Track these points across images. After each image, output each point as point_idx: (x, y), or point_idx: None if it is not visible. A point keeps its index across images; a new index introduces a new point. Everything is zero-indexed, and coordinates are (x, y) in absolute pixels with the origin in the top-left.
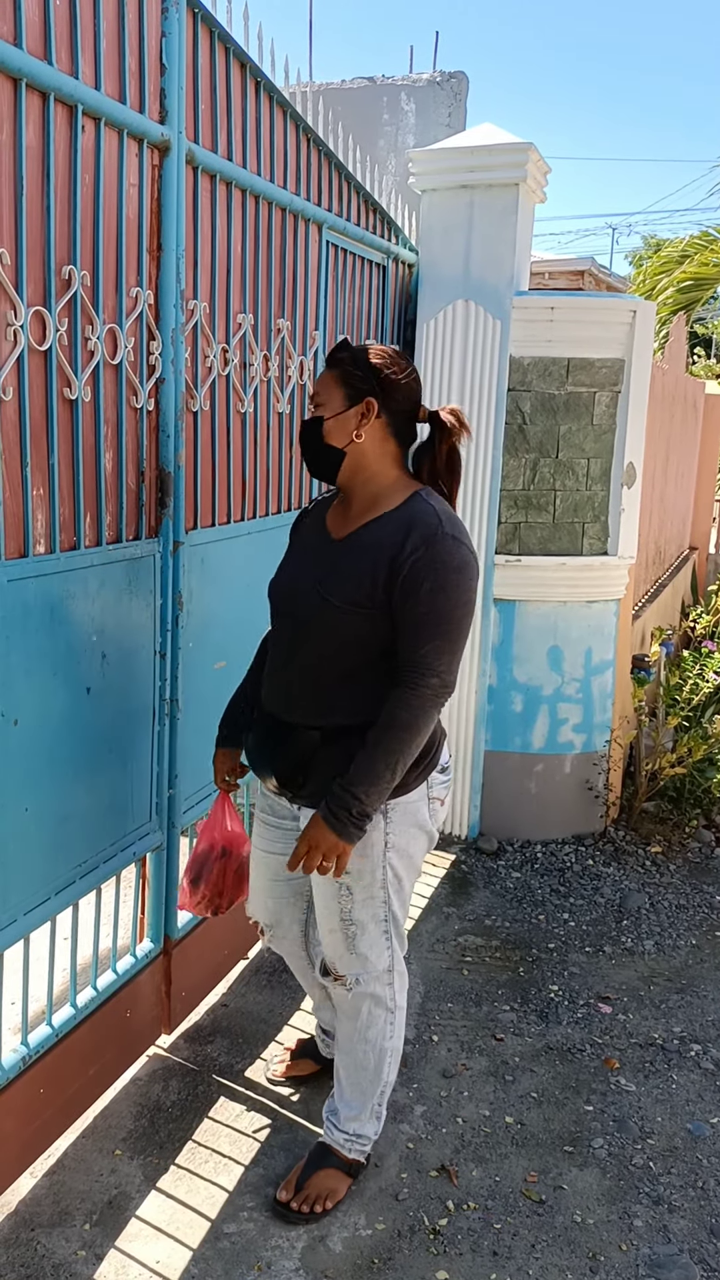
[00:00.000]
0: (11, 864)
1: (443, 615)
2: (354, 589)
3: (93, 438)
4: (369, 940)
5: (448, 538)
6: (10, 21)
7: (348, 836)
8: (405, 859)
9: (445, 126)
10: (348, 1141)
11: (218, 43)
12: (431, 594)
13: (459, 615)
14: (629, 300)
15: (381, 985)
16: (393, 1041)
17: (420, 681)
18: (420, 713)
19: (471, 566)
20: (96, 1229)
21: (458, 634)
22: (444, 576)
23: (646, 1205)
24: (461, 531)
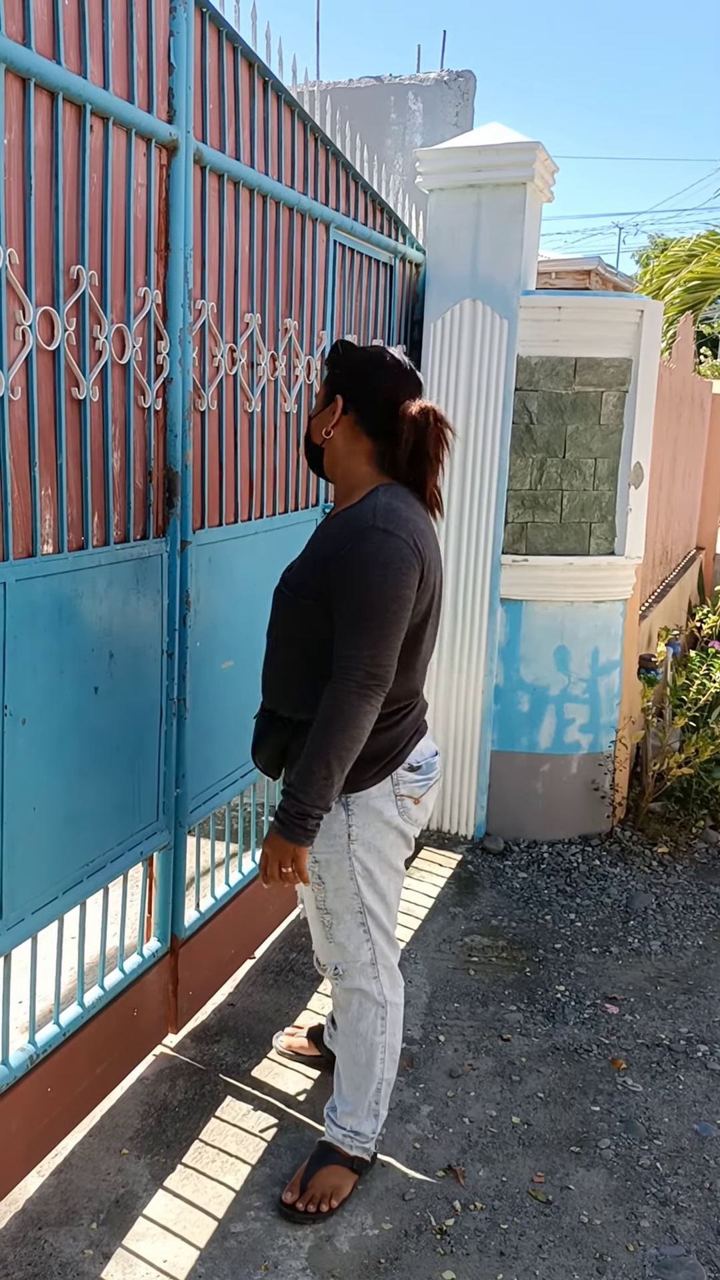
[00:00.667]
0: (19, 863)
1: (367, 608)
2: (301, 577)
3: (100, 437)
4: (345, 931)
5: (377, 531)
6: (19, 21)
7: (295, 839)
8: (373, 853)
9: (453, 126)
10: (346, 1138)
11: (225, 42)
12: (357, 587)
13: (384, 607)
14: (636, 300)
15: (366, 979)
16: (385, 1038)
17: (347, 675)
18: (349, 707)
19: (400, 559)
20: (103, 1228)
21: (384, 626)
22: (368, 570)
23: (653, 1206)
24: (398, 524)
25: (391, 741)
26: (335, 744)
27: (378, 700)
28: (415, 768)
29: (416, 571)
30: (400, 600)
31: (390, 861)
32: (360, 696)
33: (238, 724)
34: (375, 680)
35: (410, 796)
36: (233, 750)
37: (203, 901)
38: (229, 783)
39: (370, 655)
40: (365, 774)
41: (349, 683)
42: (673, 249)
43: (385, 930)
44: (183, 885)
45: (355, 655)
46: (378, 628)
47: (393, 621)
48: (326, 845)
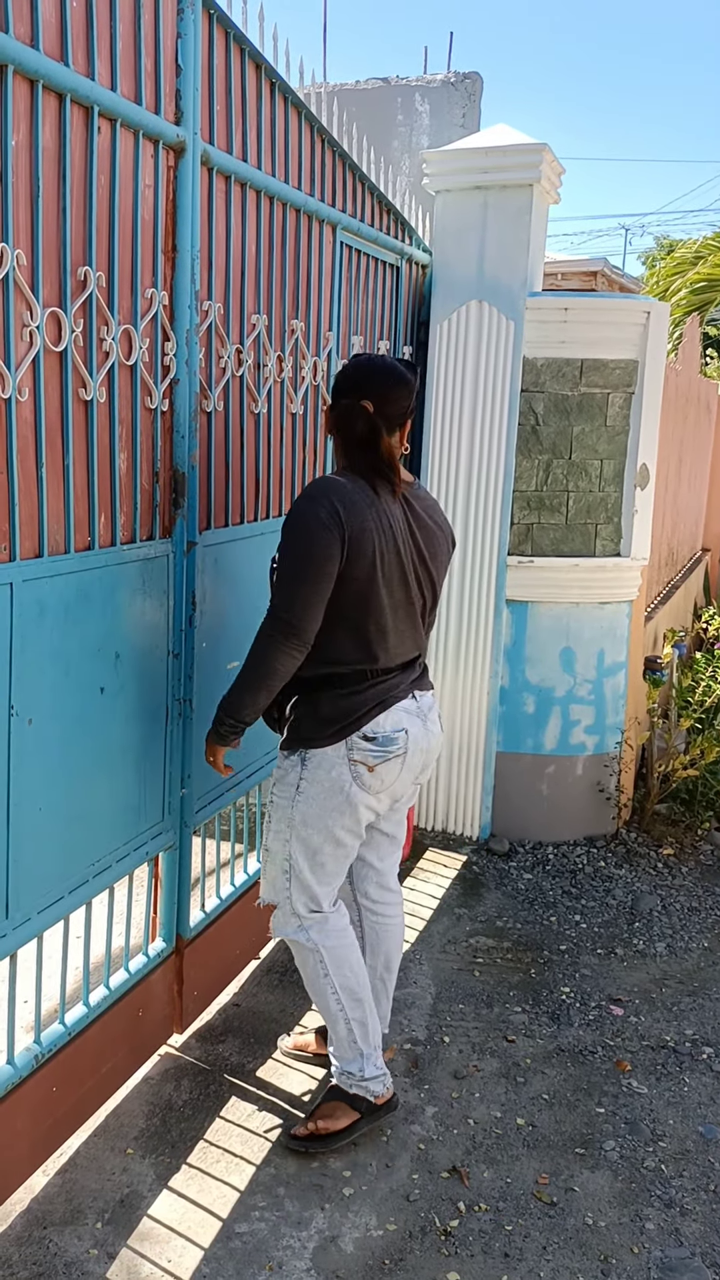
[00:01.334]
0: (25, 863)
1: (283, 563)
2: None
3: (107, 438)
4: (273, 870)
5: (303, 499)
6: (27, 23)
7: (213, 737)
8: (314, 808)
9: (459, 127)
10: (341, 1076)
11: (233, 44)
12: (283, 544)
13: (294, 563)
14: (643, 301)
15: (291, 929)
16: (330, 979)
17: (268, 620)
18: (260, 646)
19: (314, 521)
20: (108, 1228)
21: (292, 574)
22: (292, 529)
23: (658, 1208)
24: (321, 492)
25: (349, 708)
26: (249, 672)
27: (290, 646)
28: (371, 738)
29: (334, 534)
30: (309, 559)
31: (329, 826)
32: (270, 640)
33: None
34: (288, 628)
35: (363, 763)
36: (238, 751)
37: (208, 902)
38: (234, 783)
39: (284, 604)
40: (321, 733)
41: (265, 625)
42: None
43: (307, 888)
44: (188, 885)
45: (273, 603)
46: (289, 581)
47: (302, 578)
48: (280, 790)
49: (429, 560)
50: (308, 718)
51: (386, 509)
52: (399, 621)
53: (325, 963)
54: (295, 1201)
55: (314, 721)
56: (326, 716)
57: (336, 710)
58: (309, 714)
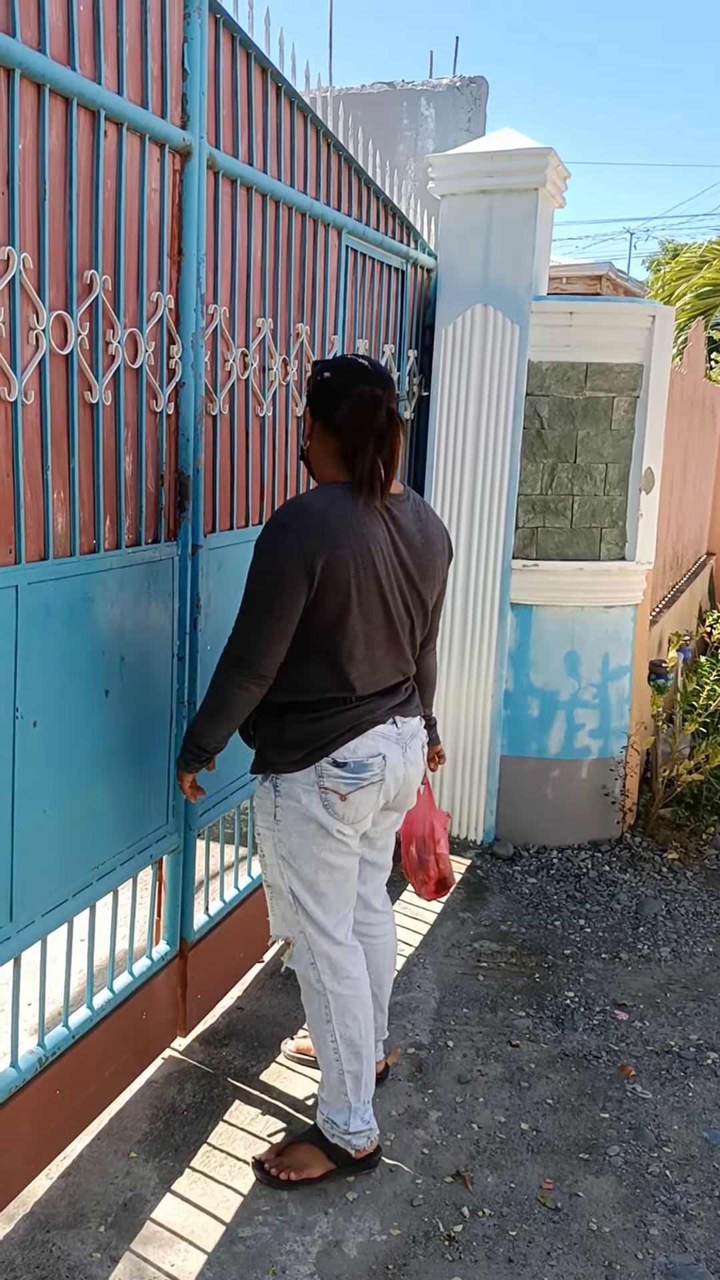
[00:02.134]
0: (30, 865)
1: (246, 593)
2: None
3: (113, 441)
4: (280, 907)
5: (274, 524)
6: (34, 27)
7: (180, 764)
8: (295, 839)
9: (465, 131)
10: (325, 1124)
11: (239, 48)
12: (250, 568)
13: (257, 596)
14: (648, 305)
15: (304, 965)
16: (331, 1026)
17: (224, 651)
18: (217, 678)
19: (280, 552)
20: (111, 1231)
21: (253, 613)
22: (259, 554)
23: (663, 1214)
24: (294, 519)
25: (317, 733)
26: (209, 702)
27: (249, 682)
28: (342, 764)
29: (300, 567)
30: (272, 591)
31: (314, 853)
32: (228, 675)
33: None
34: (243, 662)
35: (335, 791)
36: (242, 754)
37: (212, 905)
38: (238, 786)
39: (241, 637)
40: (287, 759)
41: (224, 658)
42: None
43: (316, 922)
44: (192, 889)
45: (233, 635)
46: (249, 613)
47: (263, 611)
48: (261, 820)
49: (417, 580)
50: (272, 742)
51: (366, 530)
52: (377, 648)
53: (330, 1008)
54: (299, 1206)
55: (278, 746)
56: (291, 741)
57: (303, 734)
58: (274, 738)
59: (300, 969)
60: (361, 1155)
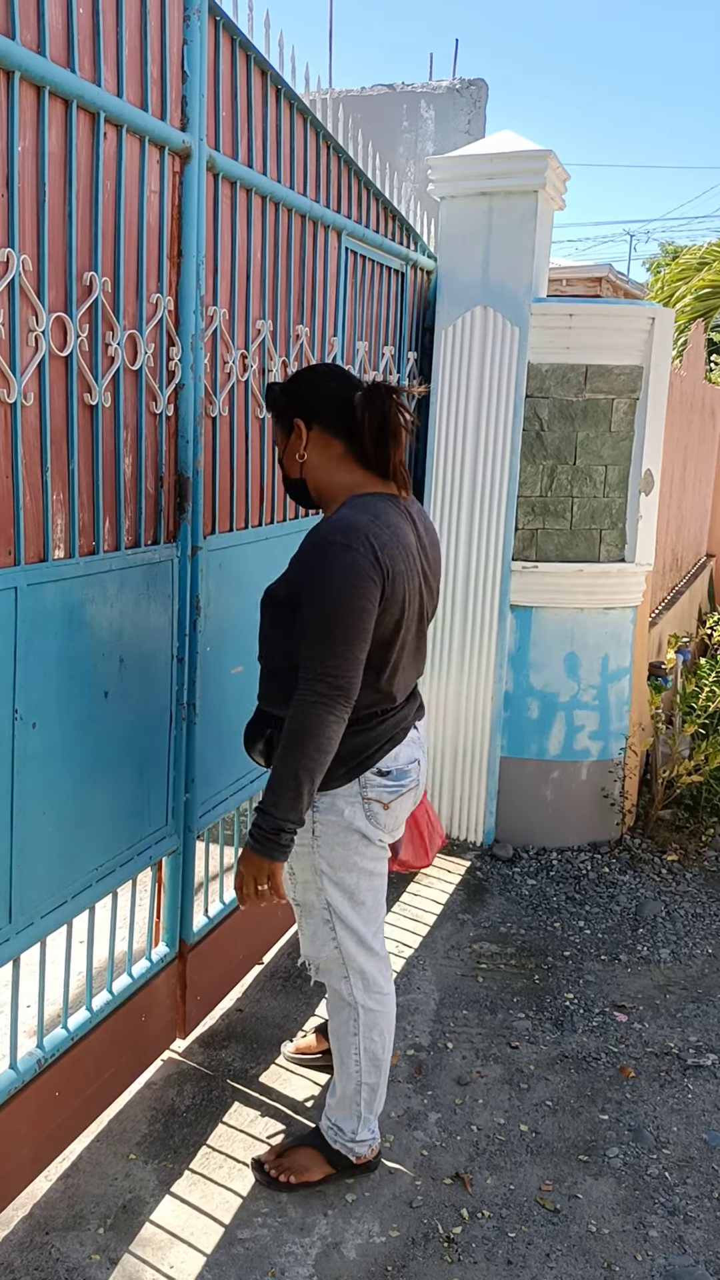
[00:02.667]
0: (29, 866)
1: (325, 621)
2: (276, 587)
3: (112, 443)
4: (312, 925)
5: (335, 547)
6: (34, 29)
7: (269, 854)
8: (337, 852)
9: (464, 133)
10: (330, 1130)
11: (239, 50)
12: (316, 601)
13: (340, 620)
14: (647, 307)
15: (336, 979)
16: (358, 1039)
17: (309, 687)
18: (312, 718)
19: (356, 572)
20: (110, 1233)
21: (341, 639)
22: (326, 584)
23: (662, 1215)
24: (356, 537)
25: (361, 745)
26: (302, 757)
27: (342, 710)
28: (385, 773)
29: (376, 584)
30: (356, 613)
31: (356, 863)
32: (323, 707)
33: None
34: (337, 691)
35: (378, 801)
36: (242, 755)
37: (211, 907)
38: (238, 788)
39: (331, 666)
40: (333, 774)
41: (311, 694)
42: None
43: (355, 933)
44: (191, 890)
45: (316, 668)
46: (335, 640)
47: (351, 634)
48: (299, 838)
49: (433, 582)
50: None
51: (406, 539)
52: (409, 656)
53: (359, 1022)
54: (298, 1208)
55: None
56: (336, 756)
57: (348, 749)
58: None
59: (332, 983)
60: (362, 1162)
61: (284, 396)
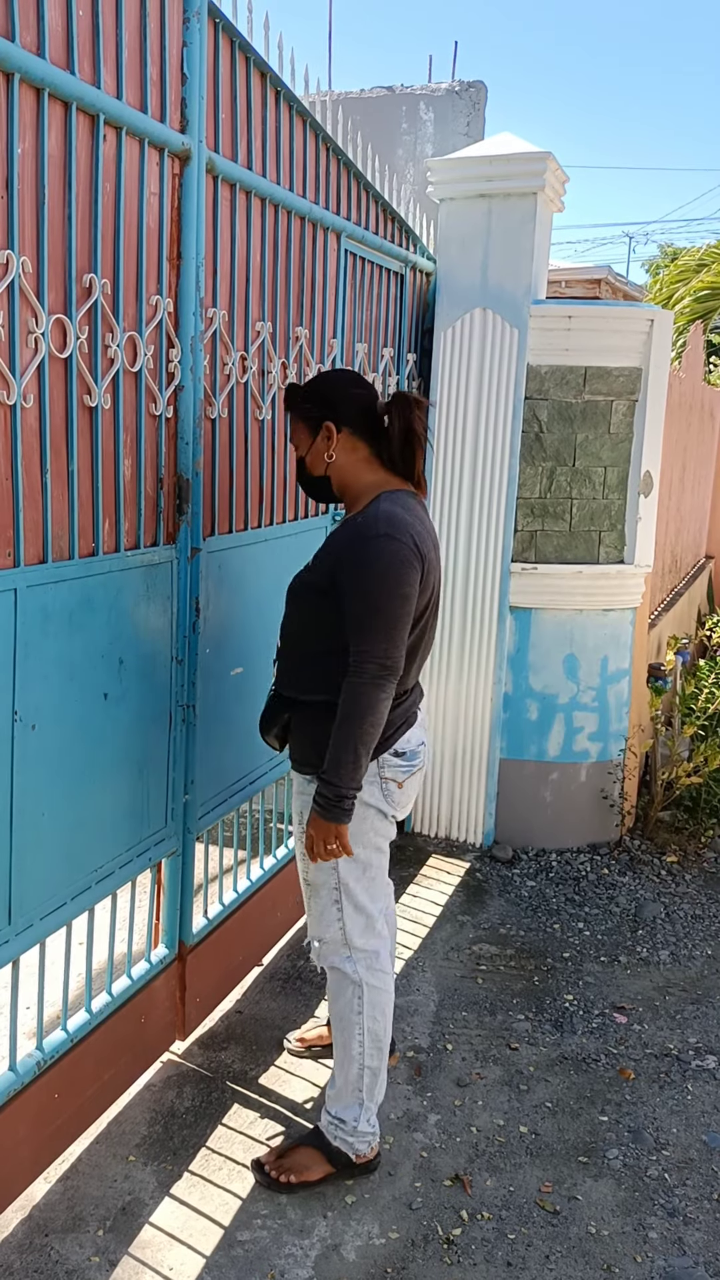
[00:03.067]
0: (28, 868)
1: (374, 607)
2: (312, 571)
3: (112, 445)
4: (320, 904)
5: (380, 538)
6: (34, 31)
7: (336, 819)
8: (356, 829)
9: (464, 135)
10: (331, 1125)
11: (238, 52)
12: (364, 589)
13: (389, 606)
14: (646, 309)
15: (339, 958)
16: (362, 1019)
17: (362, 669)
18: (364, 696)
19: (400, 562)
20: (110, 1235)
21: (389, 622)
22: (372, 576)
23: (662, 1217)
24: (400, 530)
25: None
26: (358, 732)
27: (391, 687)
28: (401, 754)
29: (418, 572)
30: (403, 598)
31: (370, 839)
32: (375, 686)
33: (247, 731)
34: (387, 671)
35: (394, 780)
36: (242, 757)
37: (211, 908)
38: (238, 789)
39: (382, 649)
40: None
41: (364, 675)
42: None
43: (363, 911)
44: (191, 892)
45: (368, 650)
46: (386, 624)
47: (399, 619)
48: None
49: (439, 572)
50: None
51: (433, 532)
52: (427, 644)
53: (363, 1000)
54: (297, 1209)
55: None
56: None
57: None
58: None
59: (335, 963)
60: (362, 1161)
61: (313, 399)
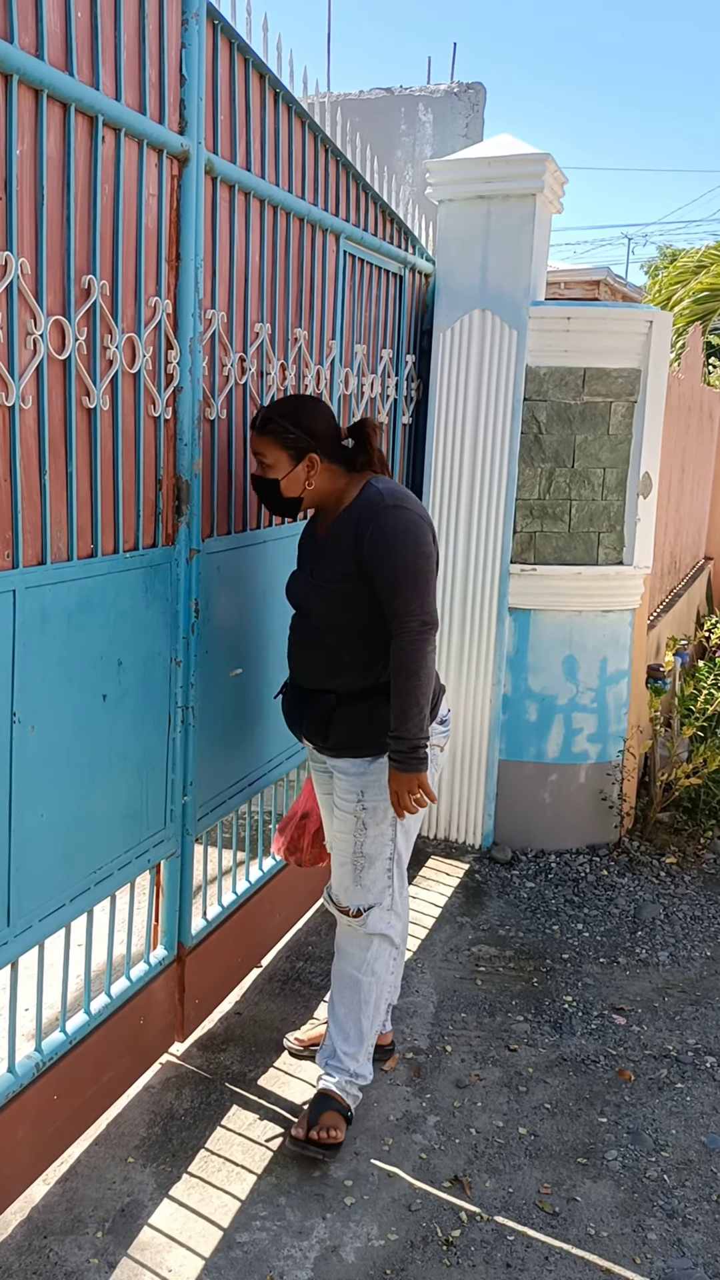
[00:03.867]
0: (27, 870)
1: (404, 569)
2: (335, 567)
3: (110, 446)
4: (374, 874)
5: (390, 509)
6: (33, 33)
7: (414, 769)
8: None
9: (463, 137)
10: (348, 1083)
11: (237, 54)
12: (390, 556)
13: (416, 563)
14: (645, 311)
15: (385, 924)
16: (393, 977)
17: (406, 626)
18: (416, 651)
19: (416, 524)
20: (109, 1237)
21: (420, 579)
22: (395, 539)
23: (660, 1218)
24: (405, 499)
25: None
26: (416, 684)
27: (433, 638)
28: (442, 720)
29: (428, 529)
30: (426, 556)
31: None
32: (422, 639)
33: (246, 732)
34: (428, 624)
35: (438, 745)
36: (241, 758)
37: (210, 910)
38: (236, 790)
39: (419, 604)
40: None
41: (409, 632)
42: (682, 260)
43: (403, 874)
44: (189, 893)
45: (406, 608)
46: (417, 581)
47: (426, 574)
48: (377, 794)
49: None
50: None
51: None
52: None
53: (397, 960)
54: (296, 1211)
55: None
56: None
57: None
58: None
59: (381, 929)
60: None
61: (299, 429)
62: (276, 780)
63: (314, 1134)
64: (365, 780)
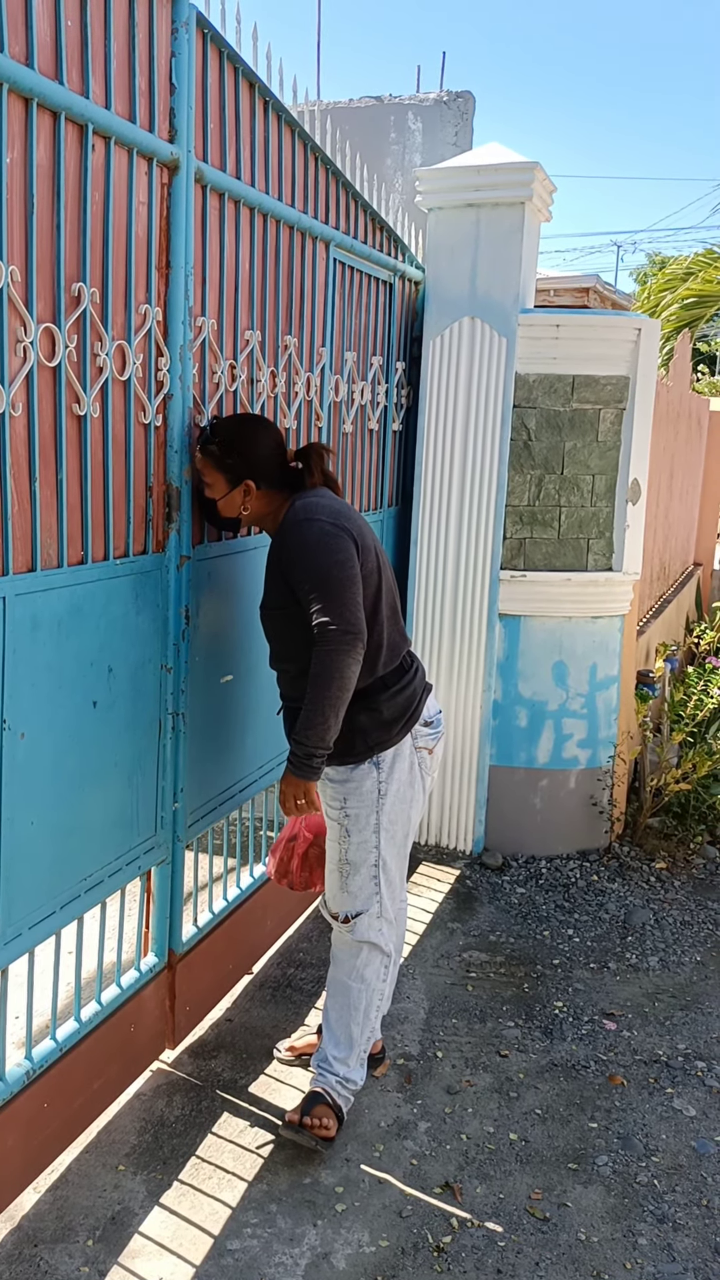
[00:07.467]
0: (17, 877)
1: (317, 579)
2: (272, 593)
3: (101, 453)
4: (359, 881)
5: (300, 524)
6: (23, 41)
7: (304, 776)
8: (398, 807)
9: (452, 145)
10: (340, 1085)
11: (227, 62)
12: (301, 568)
13: (330, 572)
14: (634, 318)
15: (375, 932)
16: (383, 985)
17: (322, 635)
18: (331, 660)
19: (328, 534)
20: (99, 1245)
21: (335, 587)
22: (306, 552)
23: (651, 1224)
24: (317, 511)
25: (408, 700)
26: (328, 696)
27: (358, 650)
28: (429, 723)
29: (345, 538)
30: (340, 564)
31: (405, 812)
32: (340, 651)
33: (236, 738)
34: (350, 635)
35: (426, 749)
36: (231, 765)
37: (200, 916)
38: (227, 797)
39: (336, 610)
40: (392, 732)
41: (326, 642)
42: (670, 267)
43: (392, 883)
44: (180, 900)
45: (325, 618)
46: (332, 589)
47: (341, 582)
48: (358, 802)
49: (375, 536)
50: (374, 724)
51: (347, 505)
52: (391, 607)
53: (387, 968)
54: (287, 1218)
55: (381, 725)
56: (391, 716)
57: (398, 706)
58: (374, 720)
59: (370, 936)
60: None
61: (236, 455)
62: (268, 787)
63: (307, 1120)
64: (347, 788)
